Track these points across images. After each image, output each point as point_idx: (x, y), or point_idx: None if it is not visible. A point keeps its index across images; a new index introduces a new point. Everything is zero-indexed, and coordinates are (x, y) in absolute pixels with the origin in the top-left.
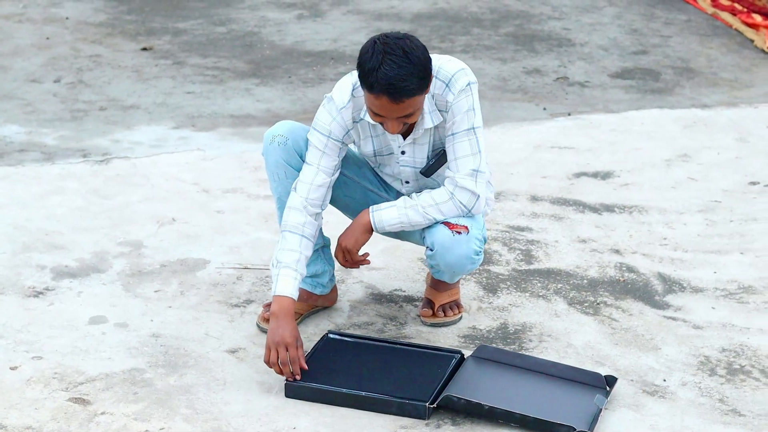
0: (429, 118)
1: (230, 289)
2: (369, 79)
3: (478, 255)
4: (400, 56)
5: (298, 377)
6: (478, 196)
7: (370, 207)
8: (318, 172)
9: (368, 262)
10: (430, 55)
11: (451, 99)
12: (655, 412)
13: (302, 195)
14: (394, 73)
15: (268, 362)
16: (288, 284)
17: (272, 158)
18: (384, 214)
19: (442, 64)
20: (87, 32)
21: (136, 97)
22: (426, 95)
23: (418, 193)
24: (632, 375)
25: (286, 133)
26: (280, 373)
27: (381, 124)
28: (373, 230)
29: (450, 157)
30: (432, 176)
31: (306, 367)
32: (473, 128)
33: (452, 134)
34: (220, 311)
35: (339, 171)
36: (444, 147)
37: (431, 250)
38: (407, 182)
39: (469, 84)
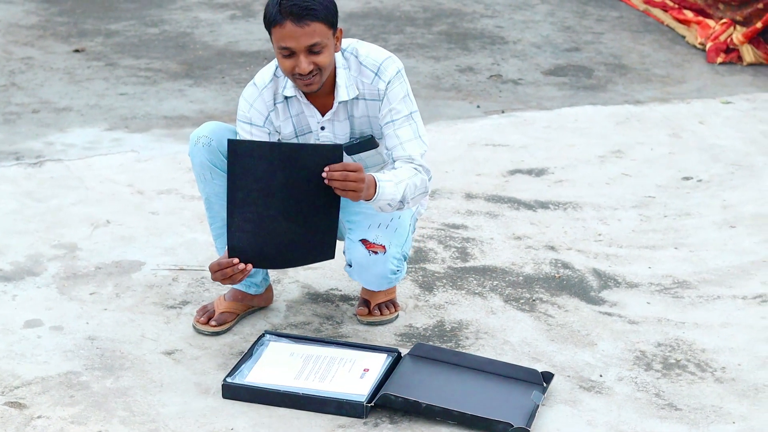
0: (345, 91)
1: (166, 291)
2: (273, 13)
3: (395, 274)
4: None
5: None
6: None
7: (375, 176)
8: None
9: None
10: (353, 41)
11: (382, 87)
12: (592, 407)
13: None
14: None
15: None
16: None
17: (197, 159)
18: (386, 187)
19: (368, 51)
20: (18, 34)
21: (68, 99)
22: (340, 62)
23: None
24: (569, 371)
25: (210, 134)
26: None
27: (294, 73)
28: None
29: (394, 143)
30: (353, 156)
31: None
32: (411, 114)
33: (392, 121)
34: (156, 313)
35: None
36: (370, 133)
37: (350, 266)
38: None
39: (399, 71)
